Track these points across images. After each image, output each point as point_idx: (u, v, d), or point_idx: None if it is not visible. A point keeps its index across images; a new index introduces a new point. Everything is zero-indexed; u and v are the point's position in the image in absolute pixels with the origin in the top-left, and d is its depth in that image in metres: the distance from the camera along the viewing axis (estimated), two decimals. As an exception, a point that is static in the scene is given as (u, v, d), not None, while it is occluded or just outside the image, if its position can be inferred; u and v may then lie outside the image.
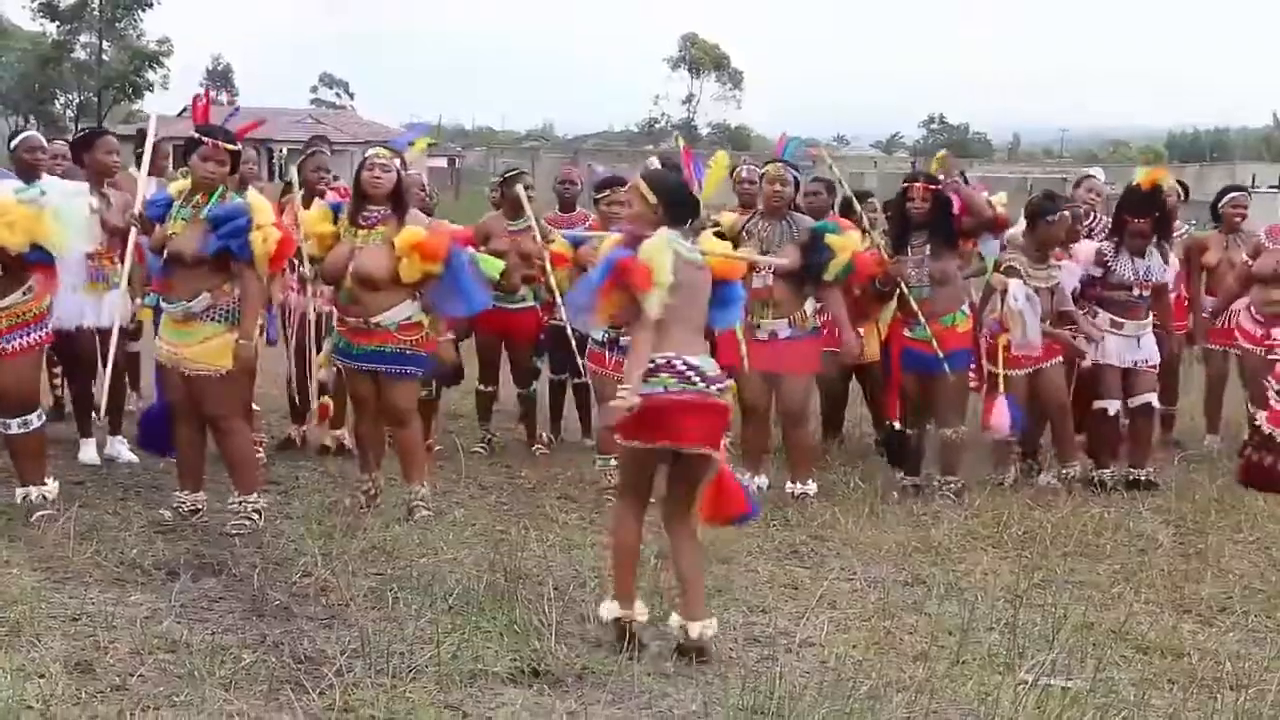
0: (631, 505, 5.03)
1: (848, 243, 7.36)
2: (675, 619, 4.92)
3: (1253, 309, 8.53)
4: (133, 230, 6.80)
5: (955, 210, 7.52)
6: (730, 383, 5.16)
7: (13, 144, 7.42)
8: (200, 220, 6.24)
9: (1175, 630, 5.32)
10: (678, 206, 4.96)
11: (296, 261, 6.98)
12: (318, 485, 7.28)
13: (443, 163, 48.17)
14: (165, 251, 6.39)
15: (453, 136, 65.66)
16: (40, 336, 6.40)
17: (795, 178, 7.52)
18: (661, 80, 70.23)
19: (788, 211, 7.44)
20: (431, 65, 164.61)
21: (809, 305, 7.43)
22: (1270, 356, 8.21)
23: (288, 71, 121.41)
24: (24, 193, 6.29)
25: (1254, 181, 25.22)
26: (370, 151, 6.72)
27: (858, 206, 7.90)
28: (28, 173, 7.00)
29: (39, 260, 6.27)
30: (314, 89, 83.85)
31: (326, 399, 7.14)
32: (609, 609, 4.95)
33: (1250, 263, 8.55)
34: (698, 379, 4.83)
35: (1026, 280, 7.61)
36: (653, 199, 4.91)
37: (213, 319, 6.29)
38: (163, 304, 6.50)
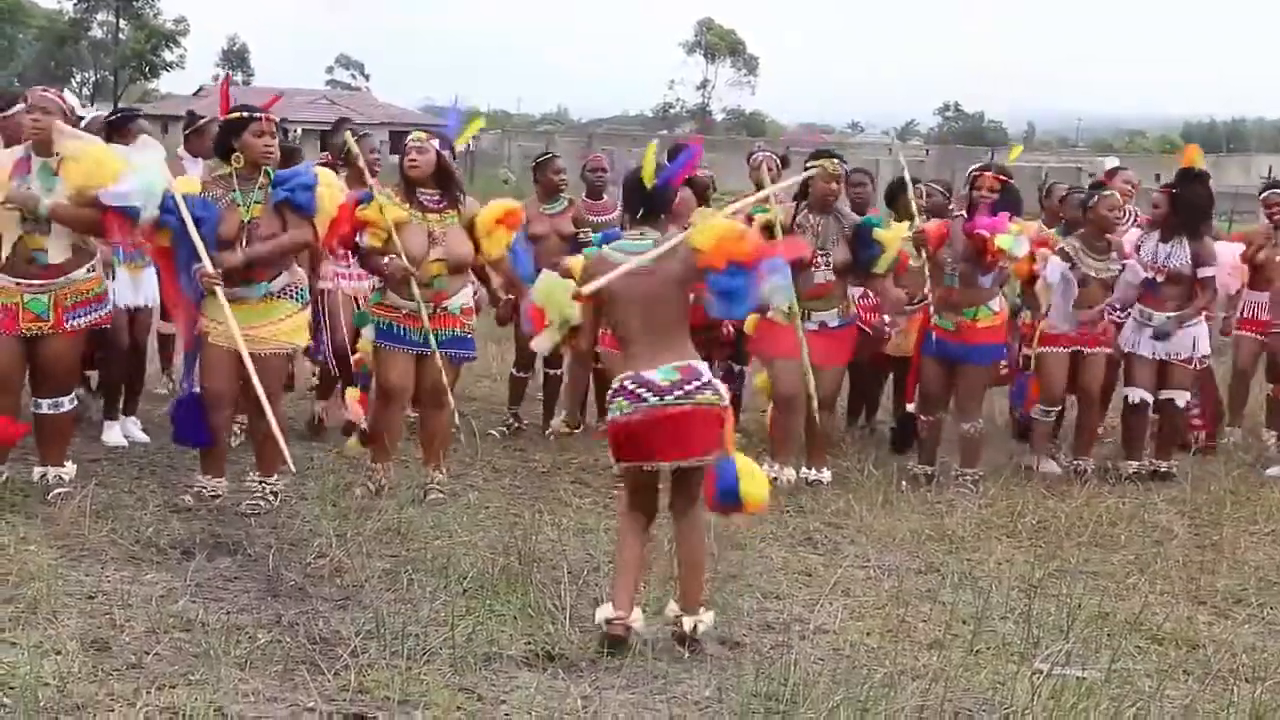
0: (635, 518, 4.93)
1: (895, 235, 7.40)
2: (672, 607, 4.89)
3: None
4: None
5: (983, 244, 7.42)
6: (713, 388, 4.84)
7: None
8: (265, 198, 6.22)
9: (1190, 621, 5.31)
10: (628, 197, 4.98)
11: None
12: (333, 467, 7.28)
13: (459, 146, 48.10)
14: (247, 237, 6.20)
15: (468, 120, 65.70)
16: (100, 316, 6.37)
17: (846, 172, 7.61)
18: (677, 65, 69.85)
19: (835, 205, 7.49)
20: (447, 48, 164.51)
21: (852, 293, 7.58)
22: None
23: (304, 52, 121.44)
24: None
25: (1270, 173, 25.08)
26: (411, 136, 6.74)
27: (910, 191, 7.91)
28: None
29: (120, 210, 6.06)
30: (329, 70, 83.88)
31: (359, 389, 7.06)
32: (604, 611, 4.81)
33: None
34: (648, 394, 4.70)
35: (1077, 264, 7.66)
36: None
37: (289, 297, 6.36)
38: (237, 290, 6.19)
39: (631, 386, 4.73)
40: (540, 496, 6.94)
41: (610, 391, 4.85)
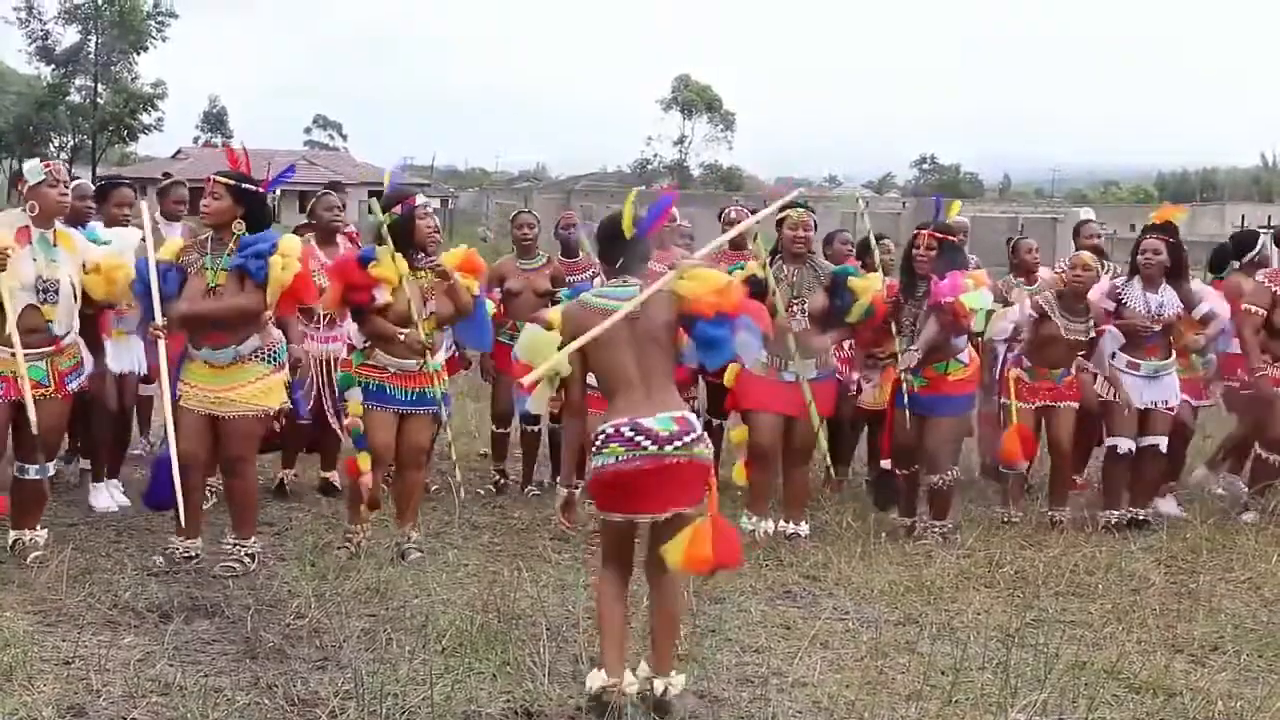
0: (614, 574, 4.79)
1: (869, 285, 7.45)
2: (643, 668, 4.76)
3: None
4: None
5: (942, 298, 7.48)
6: (705, 441, 4.80)
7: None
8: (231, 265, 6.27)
9: (1167, 669, 5.32)
10: (605, 247, 4.92)
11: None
12: (311, 527, 7.28)
13: (436, 204, 48.36)
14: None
15: (446, 178, 65.85)
16: (85, 380, 6.56)
17: (815, 222, 7.66)
18: (654, 121, 70.34)
19: (809, 256, 7.55)
20: (424, 107, 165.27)
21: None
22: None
23: (282, 113, 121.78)
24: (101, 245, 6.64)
25: (1243, 222, 25.31)
26: (420, 200, 6.84)
27: (875, 249, 7.96)
28: (76, 220, 7.08)
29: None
30: (308, 130, 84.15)
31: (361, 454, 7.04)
32: (595, 678, 4.65)
33: (1262, 312, 8.25)
34: (648, 442, 4.59)
35: (1051, 317, 7.83)
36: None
37: (261, 360, 6.37)
38: (203, 352, 6.31)
39: (629, 434, 4.61)
40: (519, 553, 6.94)
41: (600, 437, 4.68)
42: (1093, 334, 7.97)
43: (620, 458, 4.61)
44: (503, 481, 8.73)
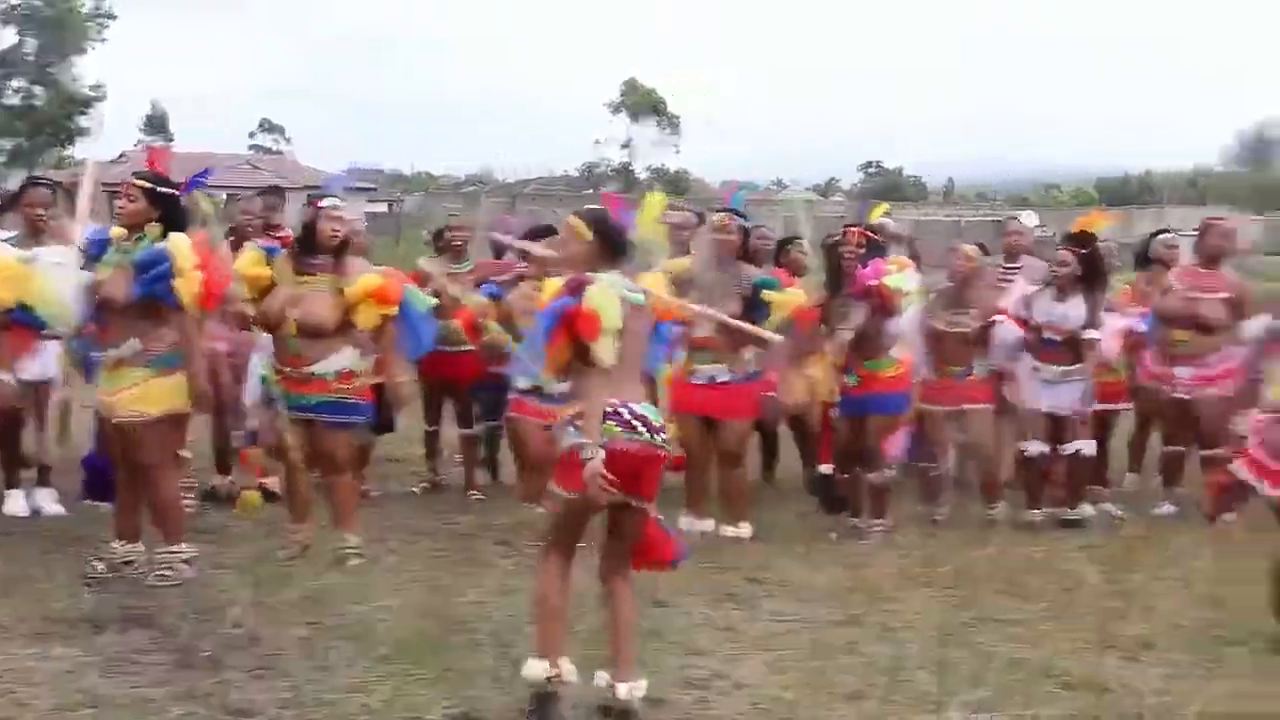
0: (561, 558, 4.76)
1: (787, 299, 7.45)
2: (602, 676, 4.71)
3: (1158, 347, 8.57)
4: None
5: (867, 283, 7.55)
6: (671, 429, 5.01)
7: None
8: (127, 266, 6.19)
9: (1101, 667, 5.38)
10: (614, 244, 4.78)
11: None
12: (248, 534, 7.22)
13: (383, 208, 48.05)
14: (97, 297, 6.30)
15: (392, 182, 65.48)
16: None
17: (743, 226, 7.63)
18: (601, 125, 70.24)
19: (733, 261, 7.51)
20: (370, 111, 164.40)
21: (749, 350, 7.50)
22: (1175, 395, 8.35)
23: (225, 117, 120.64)
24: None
25: (1179, 225, 25.62)
26: (327, 202, 6.72)
27: (796, 253, 8.00)
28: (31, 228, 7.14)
29: (20, 321, 6.39)
30: (251, 134, 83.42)
31: (255, 449, 7.07)
32: (535, 668, 4.63)
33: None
34: (643, 429, 4.62)
35: (933, 318, 7.93)
36: (589, 236, 4.73)
37: (143, 364, 6.21)
38: (96, 352, 6.38)
39: (627, 416, 4.61)
40: (462, 559, 6.92)
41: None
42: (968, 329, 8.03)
43: (614, 437, 4.57)
44: (436, 479, 8.77)
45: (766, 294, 7.41)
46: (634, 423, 4.62)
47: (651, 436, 4.65)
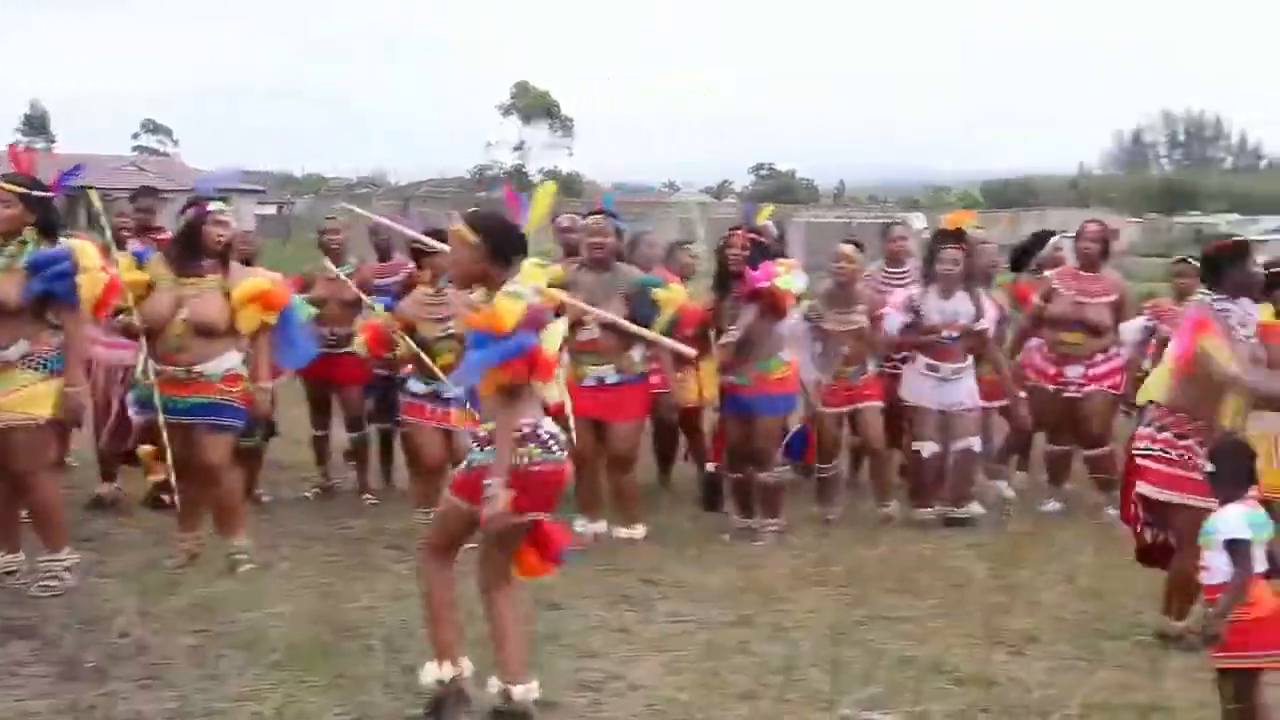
0: (445, 560, 4.73)
1: (673, 297, 7.49)
2: (494, 682, 4.65)
3: (1045, 348, 8.75)
4: None
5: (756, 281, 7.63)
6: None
7: None
8: (17, 268, 6.05)
9: (988, 661, 5.50)
10: (503, 244, 4.63)
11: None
12: (135, 541, 7.08)
13: (272, 210, 47.40)
14: None
15: (282, 184, 64.58)
16: None
17: (617, 228, 7.65)
18: (494, 127, 69.72)
19: (612, 263, 7.53)
20: (260, 112, 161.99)
21: (636, 351, 7.51)
22: (1065, 395, 8.55)
23: (108, 118, 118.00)
24: None
25: (1062, 227, 26.19)
26: (214, 206, 6.63)
27: (685, 256, 8.04)
28: None
29: None
30: (135, 135, 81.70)
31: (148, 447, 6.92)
32: (434, 671, 4.62)
33: (1043, 305, 8.69)
34: (557, 448, 4.58)
35: (820, 322, 8.03)
36: (474, 239, 4.58)
37: (30, 367, 6.09)
38: None
39: (545, 436, 4.55)
40: (355, 563, 6.87)
41: (517, 436, 4.48)
42: (857, 325, 8.16)
43: (533, 458, 4.50)
44: (327, 484, 8.69)
45: (655, 292, 7.44)
46: (550, 442, 4.57)
47: (561, 454, 4.61)
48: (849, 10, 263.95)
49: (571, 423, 7.15)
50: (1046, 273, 8.93)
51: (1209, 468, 4.79)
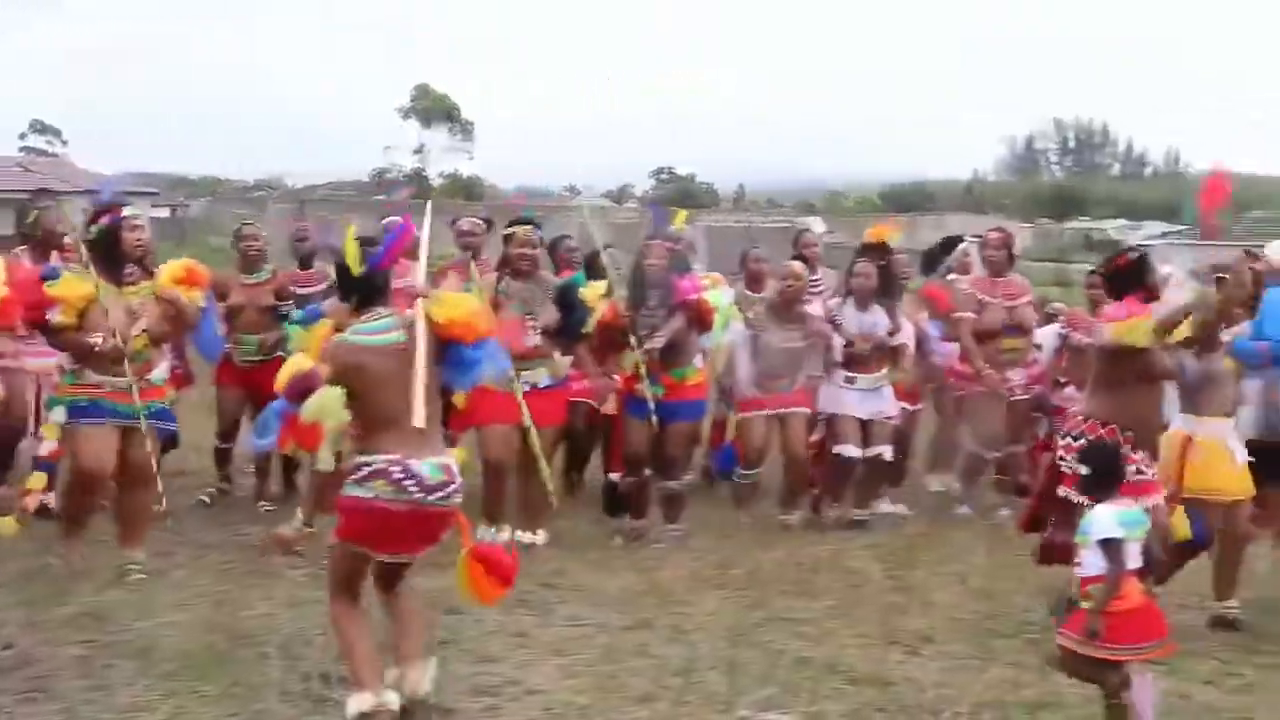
0: (349, 600, 4.69)
1: (598, 292, 7.56)
2: (392, 673, 4.66)
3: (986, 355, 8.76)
4: None
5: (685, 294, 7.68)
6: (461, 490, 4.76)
7: None
8: None
9: (883, 661, 5.58)
10: (345, 286, 4.79)
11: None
12: (19, 550, 6.90)
13: (166, 213, 46.50)
14: None
15: (176, 185, 63.35)
16: None
17: (540, 237, 7.72)
18: (393, 130, 68.94)
19: (536, 272, 7.58)
20: (153, 113, 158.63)
21: (561, 355, 7.57)
22: (1013, 399, 8.68)
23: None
24: None
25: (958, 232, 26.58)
26: (128, 211, 6.60)
27: (605, 258, 8.05)
28: None
29: None
30: (22, 135, 79.70)
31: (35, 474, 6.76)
32: (359, 701, 4.52)
33: (974, 318, 8.71)
34: (414, 489, 4.50)
35: (761, 333, 8.06)
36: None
37: None
38: None
39: (399, 475, 4.49)
40: (251, 571, 6.77)
41: (364, 469, 4.52)
42: (798, 345, 8.21)
43: (384, 496, 4.49)
44: (225, 490, 8.55)
45: (583, 292, 7.50)
46: (405, 482, 4.51)
47: (425, 496, 4.54)
48: (751, 17, 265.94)
49: (533, 433, 7.26)
50: (956, 278, 9.06)
51: (1082, 470, 4.91)
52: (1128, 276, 6.02)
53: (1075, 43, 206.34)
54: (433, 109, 68.34)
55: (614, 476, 8.07)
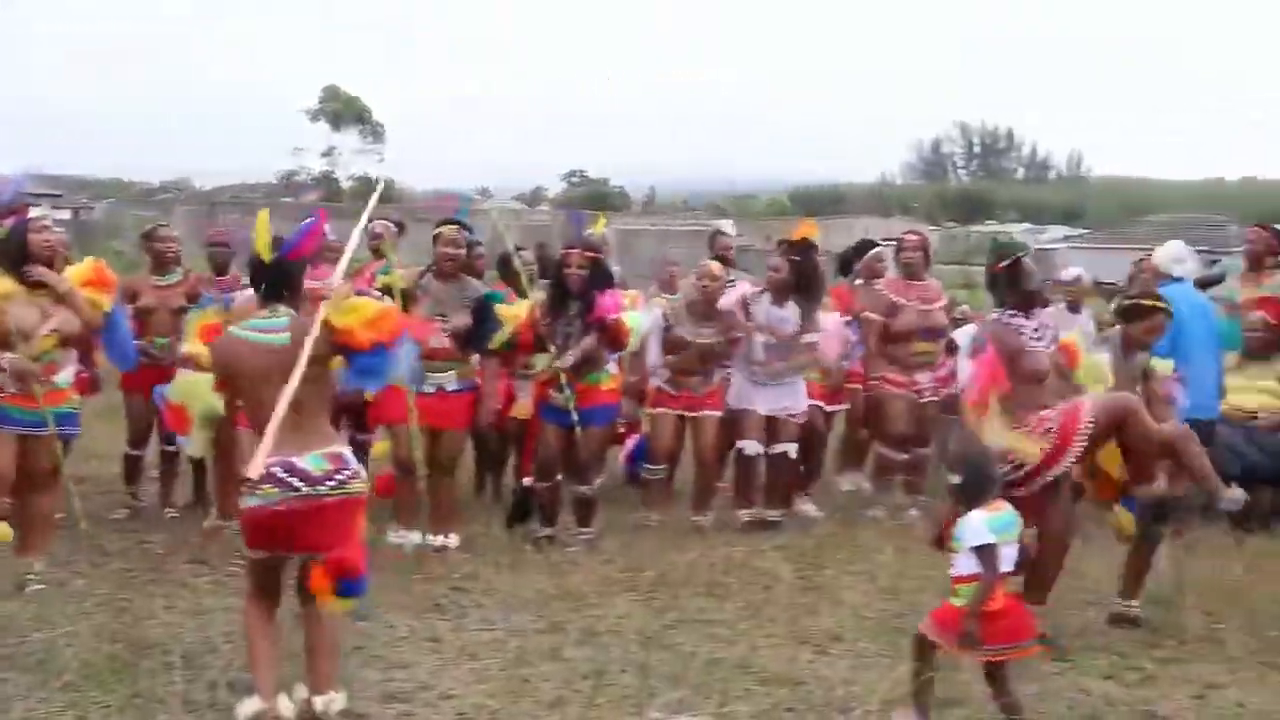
0: (263, 606, 4.71)
1: (515, 312, 7.52)
2: (300, 691, 4.66)
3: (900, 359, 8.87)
4: None
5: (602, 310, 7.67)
6: (361, 476, 4.74)
7: None
8: None
9: (794, 661, 5.62)
10: (252, 275, 4.80)
11: None
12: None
13: (67, 214, 45.57)
14: None
15: (79, 187, 62.07)
16: None
17: (471, 241, 7.67)
18: (301, 132, 68.11)
19: (460, 275, 7.53)
20: (50, 112, 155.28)
21: (473, 359, 7.54)
22: (923, 400, 8.78)
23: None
24: None
25: (867, 234, 26.87)
26: (36, 212, 6.51)
27: (518, 264, 8.02)
28: None
29: None
30: (-86, 134, 77.72)
31: None
32: (249, 706, 4.53)
33: (887, 320, 8.82)
34: (300, 483, 4.51)
35: (674, 327, 8.10)
36: None
37: None
38: None
39: (282, 474, 4.49)
40: (154, 579, 6.66)
41: (252, 480, 4.49)
42: (714, 340, 8.23)
43: (271, 500, 4.50)
44: (136, 504, 8.37)
45: (500, 308, 7.49)
46: (289, 479, 4.51)
47: (313, 488, 4.54)
48: (660, 23, 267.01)
49: (415, 432, 7.20)
50: (874, 283, 9.11)
51: (954, 479, 4.98)
52: (1005, 283, 6.08)
53: (978, 45, 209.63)
54: (343, 111, 67.61)
55: (526, 481, 8.04)
